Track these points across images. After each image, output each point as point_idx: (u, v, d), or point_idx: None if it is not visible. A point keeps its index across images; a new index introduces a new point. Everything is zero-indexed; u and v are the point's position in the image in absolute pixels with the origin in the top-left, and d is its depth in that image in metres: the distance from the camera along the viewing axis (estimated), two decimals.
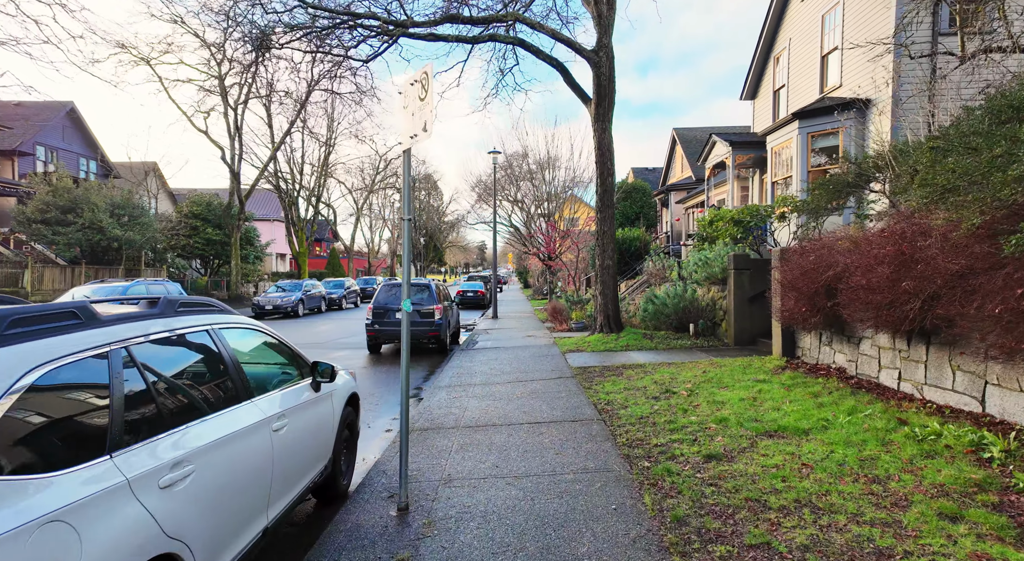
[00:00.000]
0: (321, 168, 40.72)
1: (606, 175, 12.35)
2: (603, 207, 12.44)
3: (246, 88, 28.86)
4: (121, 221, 22.18)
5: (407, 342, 4.31)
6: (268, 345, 3.96)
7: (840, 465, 4.35)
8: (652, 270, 16.81)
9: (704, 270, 12.03)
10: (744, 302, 11.05)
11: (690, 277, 12.92)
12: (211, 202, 31.52)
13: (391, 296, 12.93)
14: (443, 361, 11.71)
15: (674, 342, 11.41)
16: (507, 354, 11.62)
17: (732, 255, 11.13)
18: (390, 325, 12.59)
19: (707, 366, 8.92)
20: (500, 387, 8.29)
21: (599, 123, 12.25)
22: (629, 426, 5.89)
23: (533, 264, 46.78)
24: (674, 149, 31.45)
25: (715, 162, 17.93)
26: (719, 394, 6.98)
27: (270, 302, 24.26)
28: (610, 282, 12.38)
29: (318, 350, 13.65)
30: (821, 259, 7.48)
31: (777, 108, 17.32)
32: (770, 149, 15.14)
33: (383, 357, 12.66)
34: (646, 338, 11.80)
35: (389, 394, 8.70)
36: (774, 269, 9.25)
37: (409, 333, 4.38)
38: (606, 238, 12.43)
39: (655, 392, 7.36)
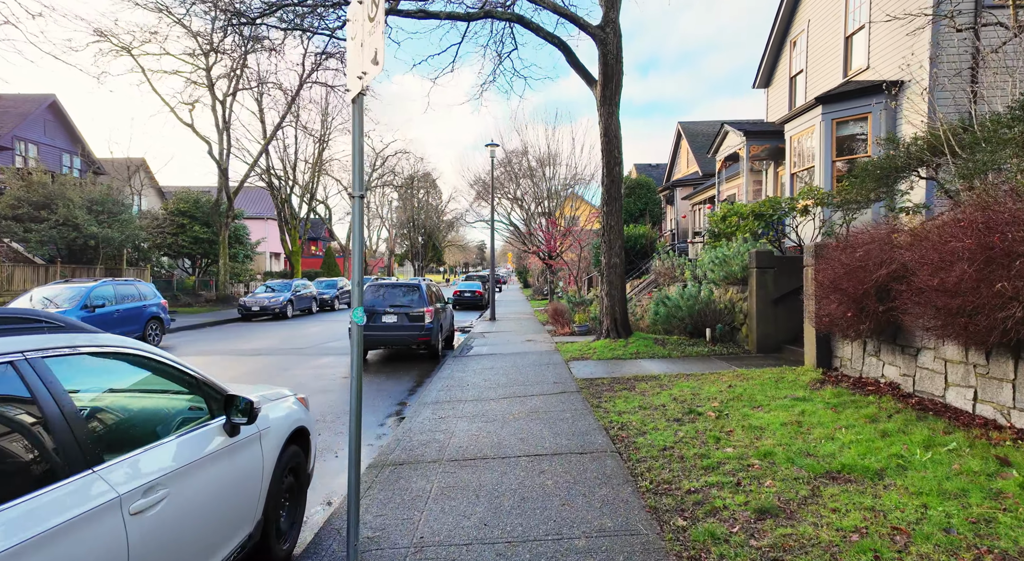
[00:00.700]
0: (315, 164, 39.58)
1: (613, 164, 11.23)
2: (610, 200, 11.33)
3: (234, 80, 27.73)
4: (99, 218, 21.04)
5: (358, 365, 3.19)
6: (158, 374, 2.82)
7: (946, 532, 3.23)
8: (660, 269, 15.69)
9: (722, 269, 10.92)
10: (767, 304, 9.94)
11: (705, 277, 11.81)
12: (199, 199, 30.38)
13: (378, 297, 11.82)
14: (433, 369, 10.60)
15: (689, 349, 10.29)
16: (504, 362, 10.51)
17: (754, 252, 10.02)
18: (377, 329, 11.47)
19: (732, 379, 7.80)
20: (495, 404, 7.17)
21: (605, 106, 11.13)
22: (651, 461, 4.78)
23: (533, 263, 45.66)
24: (679, 144, 30.33)
25: (727, 154, 16.82)
26: (754, 416, 5.86)
27: (257, 303, 23.14)
28: (618, 282, 11.27)
29: (298, 357, 12.54)
30: (871, 255, 6.36)
31: (794, 96, 16.20)
32: (788, 138, 14.02)
33: (370, 364, 11.55)
34: (658, 344, 10.68)
35: (370, 412, 7.59)
36: (807, 268, 8.14)
37: (360, 351, 3.26)
38: (613, 234, 11.31)
39: (676, 412, 6.24)
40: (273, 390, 4.02)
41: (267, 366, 11.26)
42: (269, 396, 3.75)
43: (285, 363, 11.65)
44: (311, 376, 10.12)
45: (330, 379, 9.84)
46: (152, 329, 14.53)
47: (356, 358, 3.16)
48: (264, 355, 12.81)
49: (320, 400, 8.16)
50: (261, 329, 19.12)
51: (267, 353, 13.14)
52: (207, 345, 14.77)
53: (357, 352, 3.17)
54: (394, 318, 11.49)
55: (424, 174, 69.42)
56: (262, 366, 11.26)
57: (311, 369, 10.90)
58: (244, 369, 10.89)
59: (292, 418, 3.78)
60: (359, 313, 3.10)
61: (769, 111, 17.67)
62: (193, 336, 17.11)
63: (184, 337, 16.86)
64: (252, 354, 12.97)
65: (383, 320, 11.49)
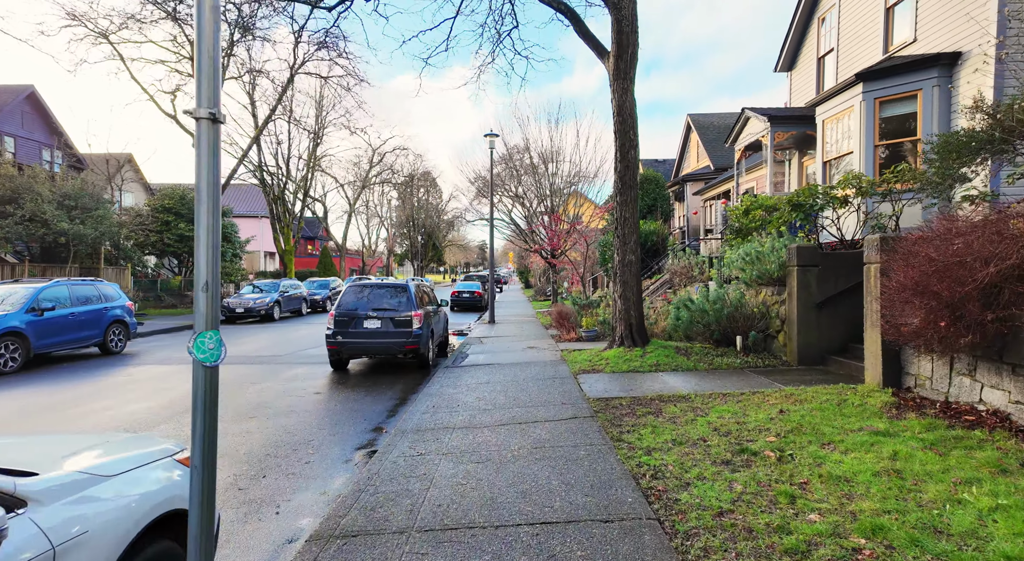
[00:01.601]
0: (309, 160, 38.19)
1: (628, 147, 9.81)
2: (624, 188, 9.90)
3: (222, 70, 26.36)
4: (71, 214, 19.66)
5: (202, 435, 1.78)
6: None
7: None
8: (676, 268, 14.26)
9: (753, 267, 9.49)
10: (810, 309, 8.51)
11: (733, 277, 10.40)
12: (184, 195, 28.96)
13: (361, 299, 10.40)
14: (421, 383, 9.19)
15: (718, 360, 8.86)
16: (503, 374, 9.10)
17: (795, 247, 8.59)
18: (358, 336, 10.06)
19: (780, 400, 6.38)
20: (490, 433, 5.75)
21: (619, 81, 9.71)
22: (706, 536, 3.36)
23: (535, 262, 44.23)
24: (688, 137, 28.89)
25: (748, 142, 15.38)
26: (830, 459, 4.44)
27: (241, 304, 21.75)
28: (633, 283, 9.85)
29: (272, 366, 11.13)
30: (973, 248, 4.94)
31: (822, 77, 14.77)
32: (820, 123, 12.59)
33: (350, 376, 10.14)
34: (680, 354, 9.26)
35: (336, 442, 6.18)
36: (869, 265, 6.71)
37: (207, 408, 1.86)
38: (628, 227, 9.89)
39: (723, 450, 4.82)
40: (138, 450, 2.60)
41: (232, 379, 9.86)
42: (115, 463, 2.33)
43: (254, 374, 10.25)
44: (278, 391, 8.71)
45: (299, 395, 8.43)
46: (114, 334, 13.14)
47: (201, 428, 1.75)
48: (234, 364, 11.40)
49: (279, 425, 6.75)
50: (242, 333, 17.72)
51: (238, 362, 11.74)
52: (176, 352, 13.38)
53: (201, 421, 1.76)
54: (377, 323, 10.08)
55: (424, 172, 68.07)
56: (226, 378, 9.85)
57: (281, 381, 9.50)
58: None
59: (155, 500, 2.36)
60: (205, 343, 1.69)
61: (793, 96, 16.24)
62: (166, 341, 15.72)
63: (155, 342, 15.48)
64: (225, 363, 11.52)
65: (365, 326, 10.07)
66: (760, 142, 15.12)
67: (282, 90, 28.82)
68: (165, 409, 7.58)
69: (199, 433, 1.87)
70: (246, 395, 8.45)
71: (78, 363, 11.76)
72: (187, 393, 8.61)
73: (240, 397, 8.30)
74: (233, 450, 5.83)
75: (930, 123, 10.19)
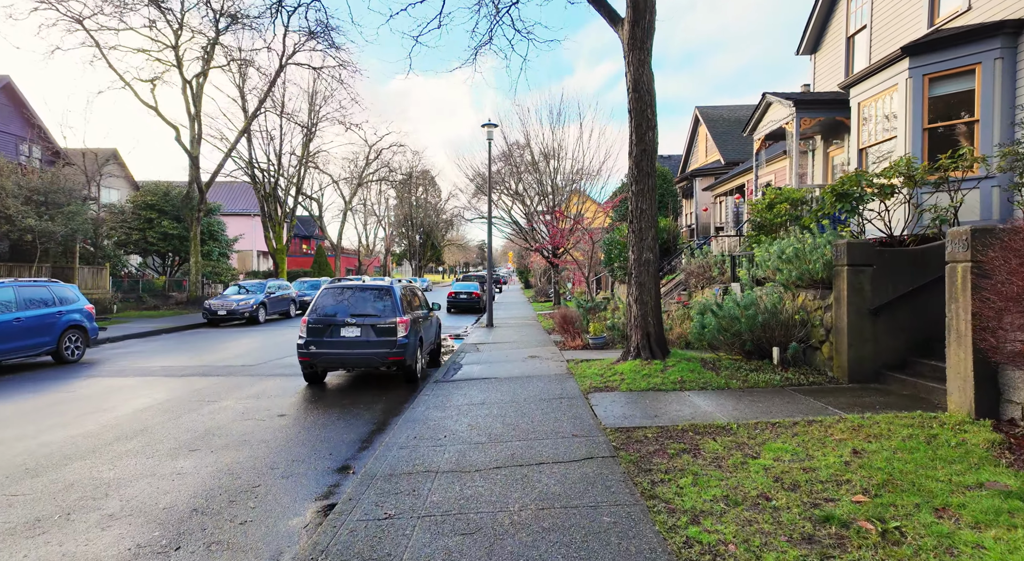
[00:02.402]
0: (302, 156, 36.86)
1: (645, 128, 8.50)
2: (640, 176, 8.59)
3: (206, 60, 25.01)
4: (40, 210, 18.34)
5: None
6: None
7: None
8: (691, 268, 12.96)
9: (792, 267, 8.18)
10: (862, 316, 7.21)
11: (764, 277, 9.11)
12: (169, 191, 27.72)
13: (340, 304, 9.09)
14: (407, 400, 7.89)
15: (752, 376, 7.56)
16: (501, 392, 7.79)
17: (845, 243, 7.28)
18: (334, 346, 8.75)
19: (847, 433, 5.08)
20: (482, 483, 4.45)
21: (635, 52, 8.40)
22: None
23: (535, 262, 42.90)
24: (696, 131, 27.58)
25: (769, 130, 14.08)
26: (959, 537, 3.14)
27: (224, 306, 20.44)
28: (650, 284, 8.54)
29: (240, 379, 9.83)
30: None
31: (851, 58, 13.47)
32: (855, 106, 11.29)
33: (325, 392, 8.83)
34: (707, 368, 7.96)
35: (290, 487, 4.87)
36: (956, 265, 5.40)
37: None
38: (644, 221, 8.58)
39: (798, 517, 3.53)
40: None
41: (185, 397, 8.55)
42: None
43: (215, 389, 8.94)
44: (236, 413, 7.40)
45: (260, 418, 7.12)
46: (70, 341, 11.83)
47: None
48: (197, 376, 10.10)
49: (223, 463, 5.44)
50: (222, 337, 16.41)
51: (204, 372, 10.44)
52: (140, 360, 12.07)
53: None
54: (357, 331, 8.77)
55: (423, 171, 66.73)
56: (181, 394, 8.55)
57: (244, 399, 8.19)
58: (153, 398, 8.17)
59: None
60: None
61: (817, 80, 14.93)
62: (135, 347, 14.41)
63: (123, 349, 14.17)
64: (183, 374, 10.26)
65: (342, 334, 8.76)
66: (783, 130, 13.82)
67: (271, 80, 27.50)
68: (90, 438, 6.27)
69: None
70: (196, 418, 7.13)
71: (23, 375, 10.45)
72: (130, 415, 7.31)
73: (188, 421, 6.99)
74: (152, 502, 4.52)
75: (991, 101, 8.89)
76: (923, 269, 7.14)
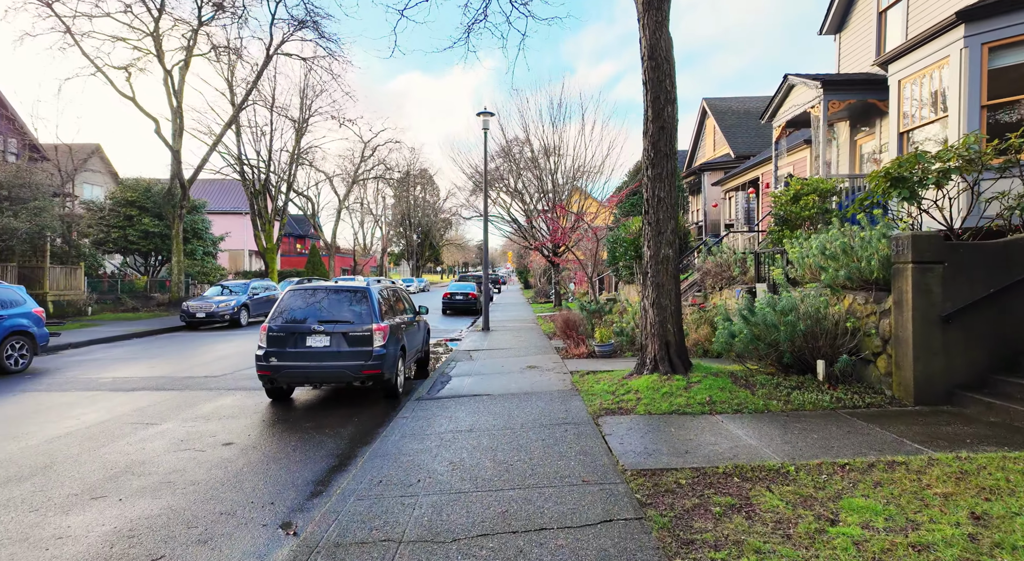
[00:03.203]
0: (293, 151, 35.58)
1: (663, 103, 7.23)
2: (657, 159, 7.32)
3: (187, 49, 23.72)
4: (1, 205, 17.06)
5: None
6: None
7: None
8: (708, 267, 11.70)
9: (839, 265, 6.91)
10: (931, 323, 5.94)
11: (800, 278, 7.85)
12: (150, 187, 26.43)
13: (308, 308, 7.80)
14: (381, 425, 6.63)
15: (796, 396, 6.29)
16: (493, 415, 6.52)
17: (909, 236, 6.02)
18: (299, 358, 7.47)
19: (950, 485, 3.82)
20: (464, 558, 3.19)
21: (651, 14, 7.14)
22: None
23: (535, 261, 41.62)
24: (704, 123, 26.32)
25: (793, 115, 12.81)
26: None
27: (203, 308, 19.14)
28: (670, 285, 7.27)
29: (195, 393, 8.56)
30: None
31: (883, 36, 12.21)
32: (895, 84, 10.03)
33: (289, 411, 7.57)
34: (740, 385, 6.70)
35: (215, 548, 3.60)
36: None
37: None
38: (663, 211, 7.31)
39: None
40: None
41: (126, 415, 7.27)
42: None
43: (163, 407, 7.67)
44: (174, 440, 6.13)
45: (200, 448, 5.85)
46: (13, 349, 10.55)
47: None
48: (148, 390, 8.83)
49: (128, 518, 4.16)
50: (196, 342, 15.14)
51: (159, 385, 9.17)
52: (94, 370, 10.80)
53: None
54: (326, 340, 7.49)
55: (421, 170, 65.42)
56: (120, 413, 7.27)
57: (190, 421, 6.92)
58: (81, 421, 6.89)
59: None
60: None
61: (842, 62, 13.67)
62: (96, 354, 13.14)
63: (81, 356, 12.89)
64: (132, 388, 8.99)
65: (308, 344, 7.48)
66: (807, 115, 12.55)
67: (259, 71, 26.23)
68: None
69: None
70: (122, 449, 5.86)
71: None
72: (40, 444, 6.03)
73: (109, 453, 5.71)
74: None
75: None
76: (1007, 267, 5.89)
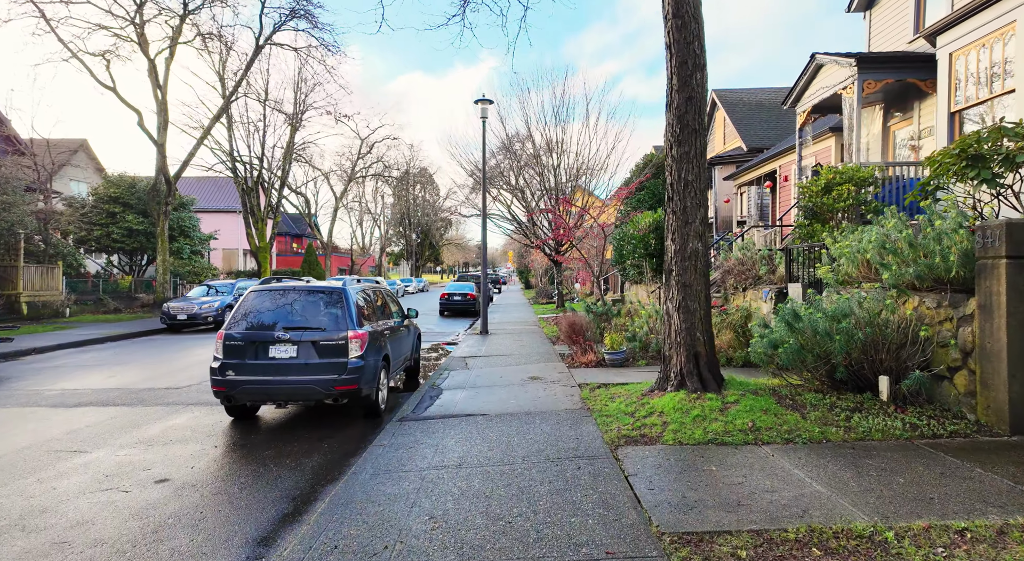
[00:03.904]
0: (287, 147, 34.45)
1: (691, 69, 6.09)
2: (684, 135, 6.18)
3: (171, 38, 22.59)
4: None
5: None
6: None
7: None
8: (729, 265, 10.56)
9: (904, 261, 5.76)
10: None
11: (848, 277, 6.69)
12: (135, 183, 25.33)
13: (275, 312, 6.66)
14: (353, 455, 5.49)
15: (857, 420, 5.15)
16: (488, 445, 5.39)
17: (1003, 224, 4.88)
18: (261, 372, 6.32)
19: None
20: None
21: None
22: None
23: (536, 261, 40.47)
24: (714, 116, 25.15)
25: (820, 99, 11.65)
26: None
27: (185, 310, 18.03)
28: (698, 285, 6.13)
29: (148, 410, 7.43)
30: None
31: (923, 9, 11.06)
32: (945, 58, 8.89)
33: (252, 432, 6.44)
34: (785, 405, 5.56)
35: None
36: None
37: None
38: (690, 196, 6.17)
39: None
40: None
41: (55, 439, 6.14)
42: None
43: (104, 428, 6.54)
44: (98, 475, 4.99)
45: (125, 488, 4.72)
46: None
47: None
48: (96, 405, 7.70)
49: None
50: (172, 346, 14.01)
51: (109, 399, 8.04)
52: (47, 380, 9.68)
53: None
54: (292, 350, 6.35)
55: (421, 169, 64.31)
56: (48, 437, 6.13)
57: (127, 448, 5.79)
58: (4, 445, 5.78)
59: None
60: None
61: (872, 41, 12.53)
62: (59, 361, 12.02)
63: (41, 362, 11.77)
64: (79, 402, 7.86)
65: (272, 354, 6.35)
66: (838, 98, 11.38)
67: (249, 61, 25.10)
68: None
69: None
70: (27, 488, 4.73)
71: None
72: None
73: (5, 495, 4.58)
74: None
75: None
76: None
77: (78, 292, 22.58)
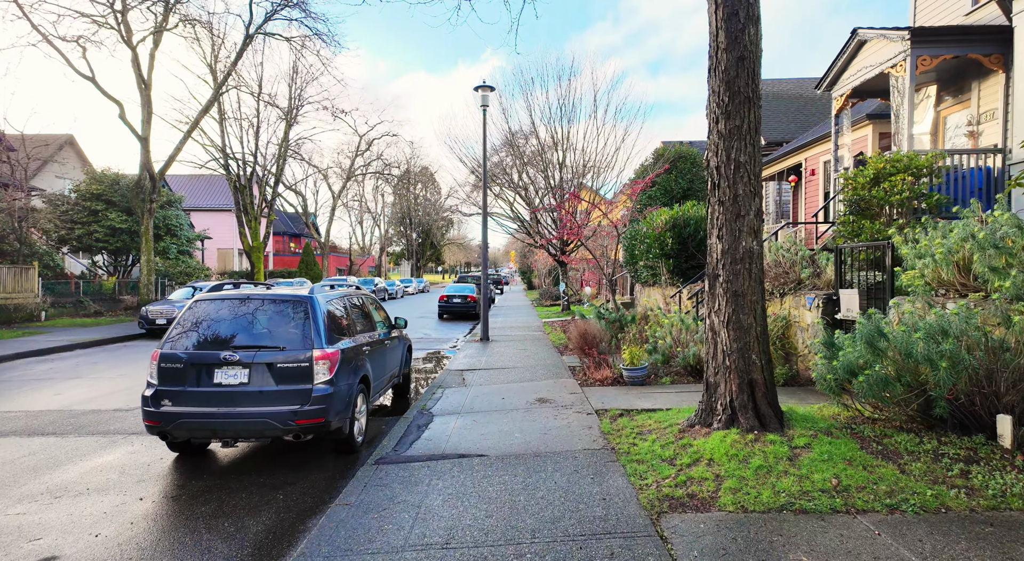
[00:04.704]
0: (281, 143, 33.24)
1: (744, 22, 4.83)
2: (734, 104, 4.92)
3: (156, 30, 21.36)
4: None
5: None
6: None
7: None
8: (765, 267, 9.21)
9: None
10: None
11: (942, 286, 5.41)
12: (118, 180, 24.13)
13: (225, 326, 5.38)
14: (314, 512, 4.23)
15: (977, 474, 3.88)
16: (486, 507, 4.12)
17: None
18: (204, 401, 5.05)
19: None
20: None
21: None
22: None
23: (540, 261, 39.17)
24: None
25: (862, 80, 10.34)
26: None
27: (165, 314, 16.72)
28: (754, 294, 4.86)
29: (87, 439, 6.19)
30: None
31: None
32: (1022, 24, 7.58)
33: (194, 475, 5.18)
34: (872, 452, 4.29)
35: None
36: None
37: None
38: (742, 182, 4.92)
39: None
40: None
41: None
42: None
43: (15, 467, 5.29)
44: None
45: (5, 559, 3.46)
46: None
47: None
48: (15, 436, 6.45)
49: None
50: (141, 356, 12.76)
51: (37, 428, 6.80)
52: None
53: None
54: (243, 375, 5.08)
55: (422, 168, 63.05)
56: None
57: (24, 503, 4.53)
58: None
59: None
60: None
61: (918, 15, 11.21)
62: (12, 373, 10.78)
63: None
64: (14, 432, 6.61)
65: (217, 380, 5.07)
66: (885, 78, 10.05)
67: (239, 50, 23.88)
68: None
69: None
70: None
71: None
72: None
73: None
74: None
75: None
76: None
77: (56, 294, 21.37)
